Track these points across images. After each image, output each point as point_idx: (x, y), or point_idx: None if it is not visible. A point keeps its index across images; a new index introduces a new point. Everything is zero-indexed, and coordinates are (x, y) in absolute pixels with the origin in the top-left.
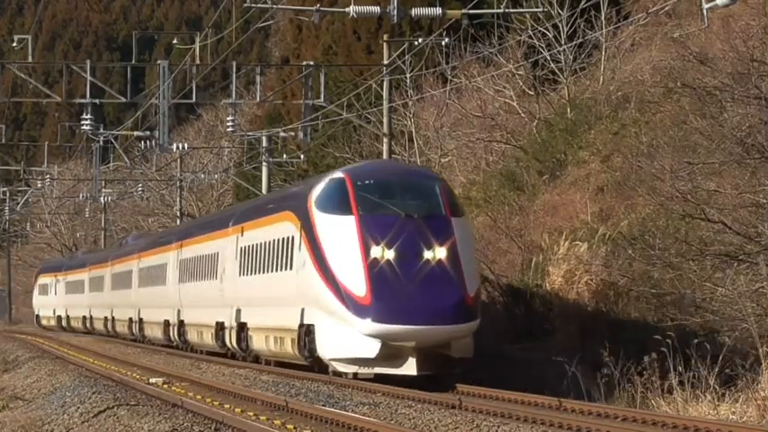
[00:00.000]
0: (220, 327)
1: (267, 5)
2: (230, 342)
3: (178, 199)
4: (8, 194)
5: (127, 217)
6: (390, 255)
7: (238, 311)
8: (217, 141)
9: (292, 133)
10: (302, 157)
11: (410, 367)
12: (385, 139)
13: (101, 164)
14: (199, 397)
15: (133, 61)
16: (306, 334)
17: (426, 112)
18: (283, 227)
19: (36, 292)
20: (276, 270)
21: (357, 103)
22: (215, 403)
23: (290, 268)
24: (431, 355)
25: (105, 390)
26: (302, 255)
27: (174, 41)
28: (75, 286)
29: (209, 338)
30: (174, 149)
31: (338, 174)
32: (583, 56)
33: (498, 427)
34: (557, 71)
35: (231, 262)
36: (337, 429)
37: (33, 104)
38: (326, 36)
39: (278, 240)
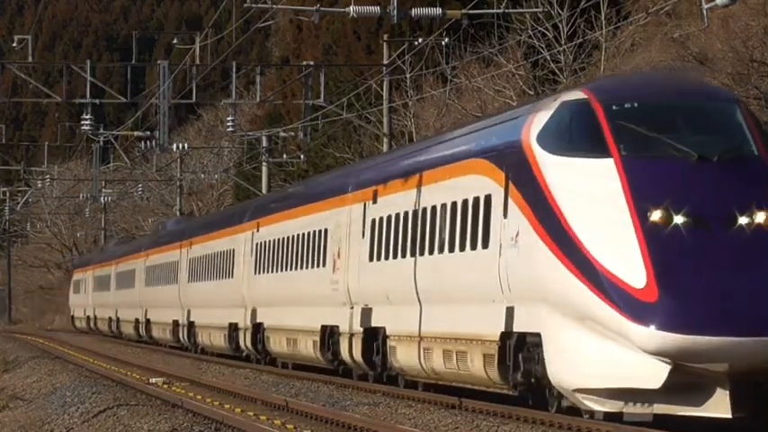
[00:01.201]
0: (335, 333)
1: (267, 5)
2: (357, 357)
3: (178, 199)
4: (8, 194)
5: (127, 217)
6: (680, 220)
7: (367, 311)
8: (217, 141)
9: (292, 133)
10: (302, 157)
11: (720, 405)
12: (385, 140)
13: (101, 164)
14: (199, 397)
15: (133, 61)
16: (518, 348)
17: (426, 113)
18: (466, 184)
19: (71, 289)
20: (454, 250)
21: (357, 103)
22: (215, 403)
23: (484, 246)
24: (748, 384)
25: (105, 390)
26: (514, 223)
27: (174, 41)
28: (102, 282)
29: (311, 350)
30: (174, 149)
31: (577, 93)
32: (583, 56)
33: (498, 427)
34: (557, 71)
35: (357, 242)
36: (337, 429)
37: (33, 104)
38: (326, 36)
39: (455, 205)
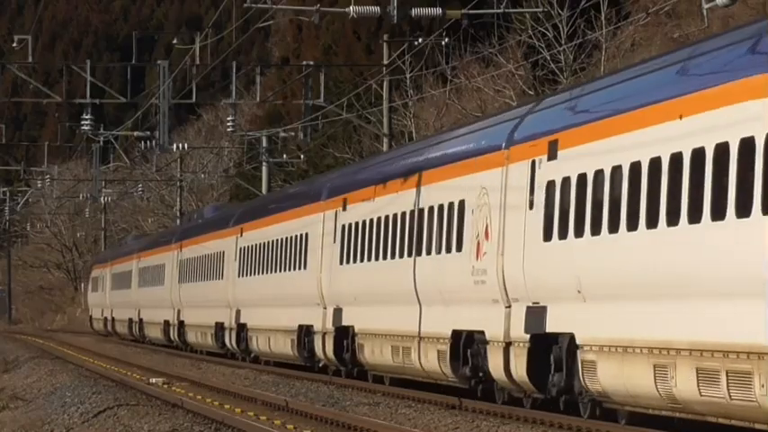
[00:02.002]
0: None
1: (267, 5)
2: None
3: (178, 199)
4: (8, 194)
5: (127, 217)
6: None
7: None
8: (217, 141)
9: (292, 133)
10: (302, 157)
11: None
12: (385, 140)
13: (101, 164)
14: (199, 397)
15: (133, 61)
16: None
17: (426, 113)
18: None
19: (89, 287)
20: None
21: (357, 103)
22: (215, 403)
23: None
24: None
25: (105, 390)
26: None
27: (174, 41)
28: (122, 279)
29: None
30: (174, 149)
31: None
32: (583, 56)
33: (498, 427)
34: (557, 71)
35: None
36: (337, 429)
37: (33, 104)
38: (326, 36)
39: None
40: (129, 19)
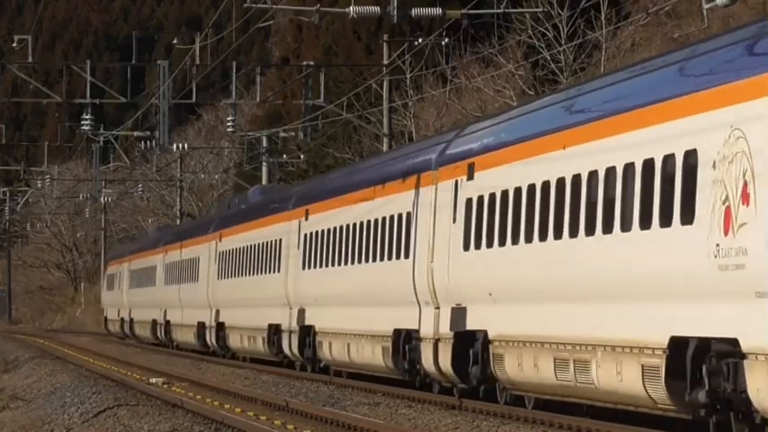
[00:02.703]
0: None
1: (267, 5)
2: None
3: (178, 199)
4: (8, 194)
5: (127, 217)
6: None
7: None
8: (217, 141)
9: (292, 133)
10: (302, 157)
11: None
12: (385, 140)
13: (101, 164)
14: (199, 397)
15: (133, 61)
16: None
17: (426, 113)
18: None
19: (104, 285)
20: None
21: (357, 104)
22: (215, 403)
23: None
24: None
25: (105, 390)
26: None
27: (174, 41)
28: (144, 276)
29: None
30: (174, 149)
31: None
32: (583, 56)
33: (498, 427)
34: (557, 71)
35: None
36: (337, 429)
37: (33, 104)
38: (326, 36)
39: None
40: (129, 19)
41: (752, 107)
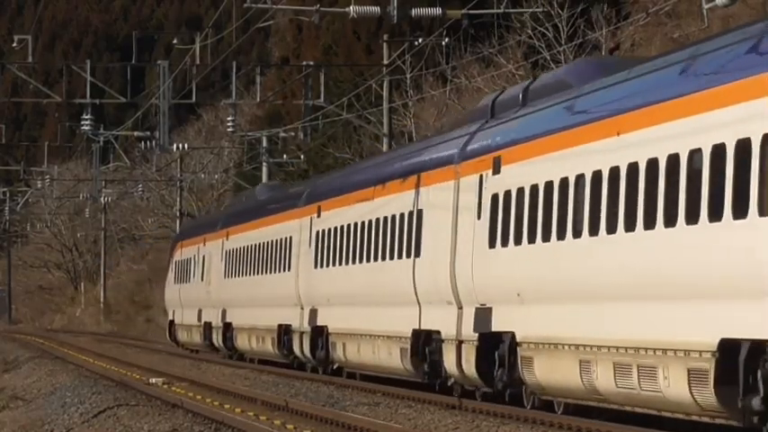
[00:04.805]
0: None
1: (267, 5)
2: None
3: (178, 199)
4: (8, 194)
5: (127, 217)
6: None
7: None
8: (217, 141)
9: (292, 133)
10: (302, 157)
11: None
12: (385, 140)
13: (101, 164)
14: (199, 397)
15: (133, 61)
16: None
17: (426, 113)
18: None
19: (170, 278)
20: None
21: (357, 104)
22: (215, 403)
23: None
24: None
25: (105, 390)
26: None
27: (174, 41)
28: (248, 256)
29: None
30: (174, 149)
31: None
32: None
33: (498, 427)
34: None
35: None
36: (337, 429)
37: (33, 104)
38: (326, 36)
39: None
40: (129, 19)
41: None
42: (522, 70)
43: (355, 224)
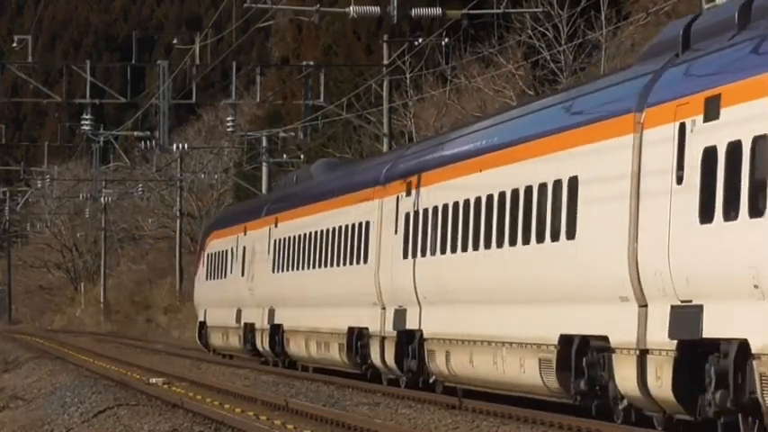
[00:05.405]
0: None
1: (267, 5)
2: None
3: (178, 199)
4: (8, 194)
5: (127, 217)
6: None
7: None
8: (217, 141)
9: (292, 133)
10: (302, 157)
11: None
12: (385, 140)
13: (101, 164)
14: (199, 397)
15: (133, 61)
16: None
17: (426, 113)
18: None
19: (200, 274)
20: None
21: (357, 104)
22: (215, 403)
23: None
24: None
25: (105, 390)
26: None
27: (174, 41)
28: (304, 246)
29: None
30: (174, 149)
31: None
32: (583, 56)
33: (498, 427)
34: (557, 71)
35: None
36: (337, 429)
37: (33, 104)
38: (326, 36)
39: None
40: (129, 19)
41: None
42: (522, 70)
43: (464, 202)
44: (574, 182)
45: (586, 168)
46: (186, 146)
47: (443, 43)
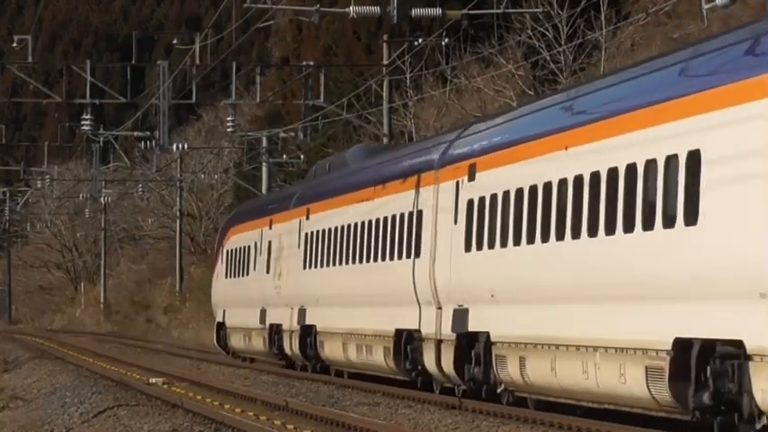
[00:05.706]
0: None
1: (267, 5)
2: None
3: (178, 199)
4: (8, 194)
5: (127, 217)
6: None
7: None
8: (217, 141)
9: (292, 133)
10: (302, 157)
11: None
12: (385, 140)
13: (101, 164)
14: (199, 397)
15: (133, 61)
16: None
17: (426, 113)
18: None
19: (220, 271)
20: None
21: (357, 104)
22: (215, 403)
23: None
24: None
25: (105, 390)
26: None
27: (174, 41)
28: (342, 240)
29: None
30: (174, 150)
31: None
32: (583, 56)
33: (498, 427)
34: (557, 71)
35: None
36: (337, 429)
37: (33, 104)
38: (326, 36)
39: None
40: (129, 19)
41: None
42: (521, 70)
43: (544, 185)
44: (695, 157)
45: (712, 141)
46: (186, 146)
47: (443, 43)
